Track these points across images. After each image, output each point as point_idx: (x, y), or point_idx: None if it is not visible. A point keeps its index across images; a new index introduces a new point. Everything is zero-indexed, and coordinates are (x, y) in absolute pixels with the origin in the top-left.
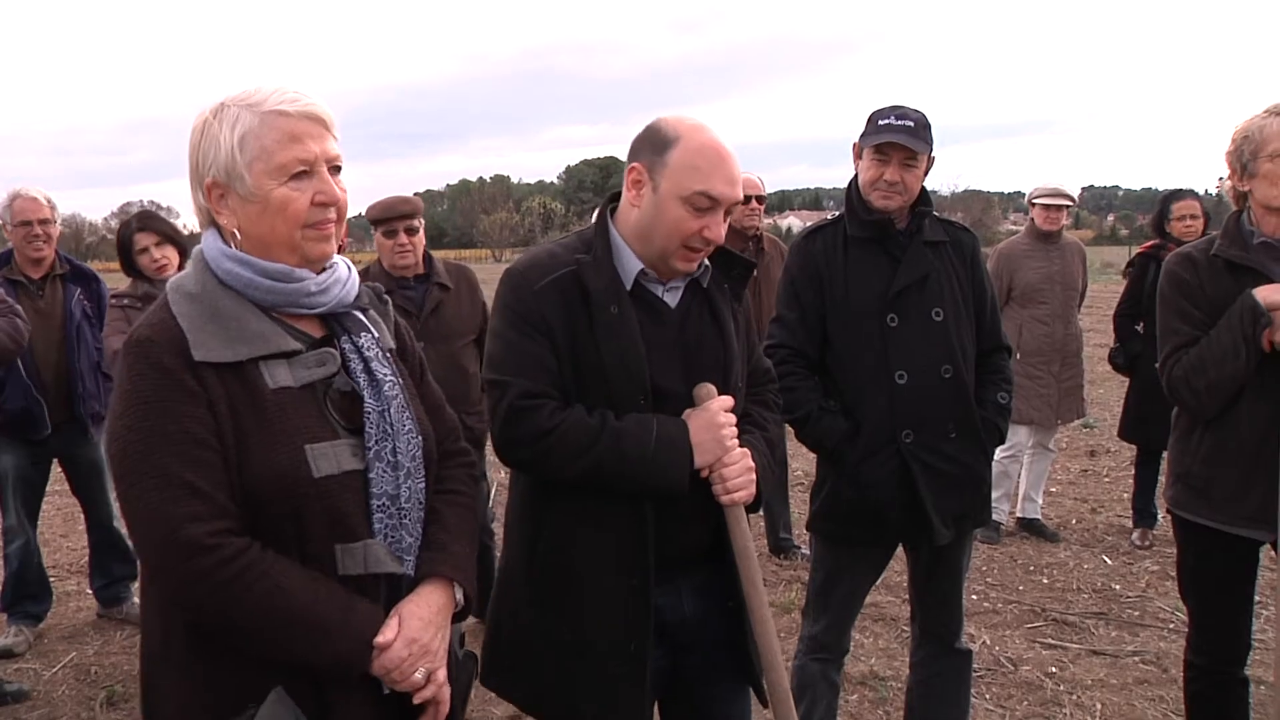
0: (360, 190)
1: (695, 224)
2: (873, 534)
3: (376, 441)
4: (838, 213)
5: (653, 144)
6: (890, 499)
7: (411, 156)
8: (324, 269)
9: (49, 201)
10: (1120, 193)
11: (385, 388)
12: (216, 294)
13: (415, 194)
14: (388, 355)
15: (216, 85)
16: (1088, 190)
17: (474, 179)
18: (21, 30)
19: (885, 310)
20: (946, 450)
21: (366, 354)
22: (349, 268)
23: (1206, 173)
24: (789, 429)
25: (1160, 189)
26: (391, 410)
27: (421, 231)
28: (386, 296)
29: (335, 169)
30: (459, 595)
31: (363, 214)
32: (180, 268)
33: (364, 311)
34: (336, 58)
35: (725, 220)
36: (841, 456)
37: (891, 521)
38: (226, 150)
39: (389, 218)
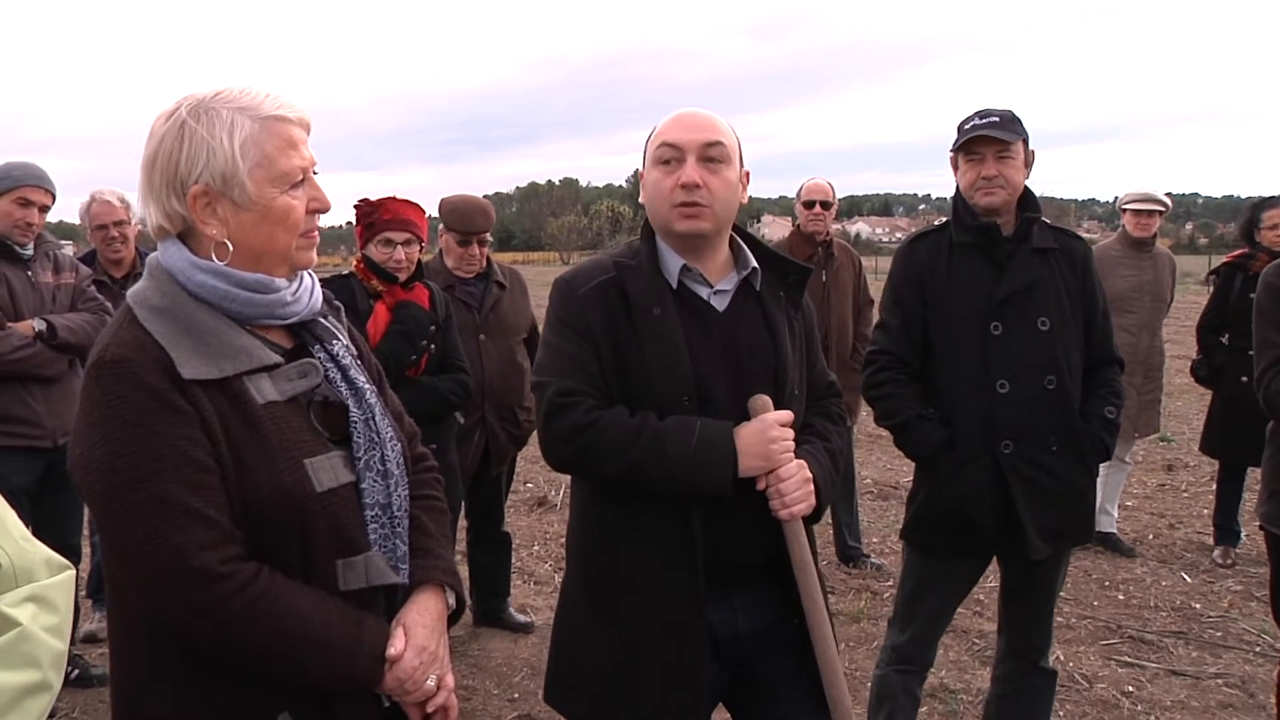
0: (433, 194)
1: (669, 179)
2: (965, 545)
3: (365, 451)
4: (944, 219)
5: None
6: (984, 510)
7: (485, 159)
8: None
9: (123, 202)
10: (1200, 200)
11: (366, 395)
12: (189, 307)
13: (484, 196)
14: (359, 362)
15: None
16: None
17: (544, 182)
18: (114, 36)
19: (989, 317)
20: (1046, 463)
21: (342, 362)
22: (311, 275)
23: None
24: (887, 433)
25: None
26: (375, 418)
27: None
28: (338, 303)
29: (315, 174)
30: (451, 599)
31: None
32: None
33: (325, 318)
34: (417, 65)
35: (714, 169)
36: (936, 465)
37: (985, 533)
38: (226, 156)
39: (468, 230)
